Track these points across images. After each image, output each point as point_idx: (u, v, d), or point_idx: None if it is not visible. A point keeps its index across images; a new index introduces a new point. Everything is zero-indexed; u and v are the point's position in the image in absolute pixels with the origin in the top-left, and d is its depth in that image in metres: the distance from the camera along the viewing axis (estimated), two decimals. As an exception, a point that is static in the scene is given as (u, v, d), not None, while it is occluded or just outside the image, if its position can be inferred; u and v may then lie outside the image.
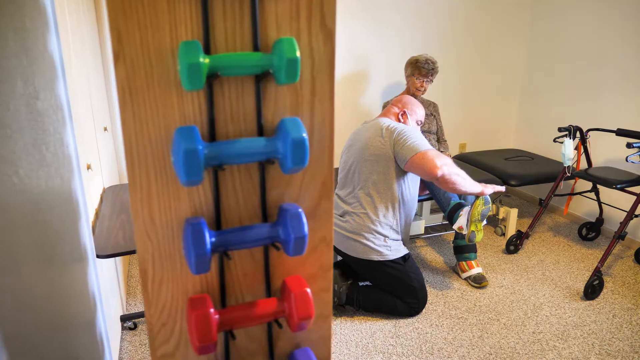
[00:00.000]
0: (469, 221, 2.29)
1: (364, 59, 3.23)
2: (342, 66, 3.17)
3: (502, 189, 2.30)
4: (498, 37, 3.57)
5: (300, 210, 0.72)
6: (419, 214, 3.05)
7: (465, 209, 2.34)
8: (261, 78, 0.69)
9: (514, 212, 3.08)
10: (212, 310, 0.71)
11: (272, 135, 0.73)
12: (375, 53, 3.24)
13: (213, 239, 0.69)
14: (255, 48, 0.69)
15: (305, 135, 0.67)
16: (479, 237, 2.31)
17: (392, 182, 2.19)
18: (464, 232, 2.32)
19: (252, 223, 0.77)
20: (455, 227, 2.35)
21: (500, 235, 3.18)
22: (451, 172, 2.09)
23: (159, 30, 0.64)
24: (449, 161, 2.13)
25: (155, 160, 0.69)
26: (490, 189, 2.25)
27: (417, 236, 3.15)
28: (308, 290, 0.75)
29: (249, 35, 0.68)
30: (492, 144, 3.84)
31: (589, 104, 3.20)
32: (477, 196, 2.28)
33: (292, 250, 0.71)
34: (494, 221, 3.43)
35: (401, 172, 2.21)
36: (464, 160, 3.38)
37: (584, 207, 3.36)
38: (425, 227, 3.20)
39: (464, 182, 2.14)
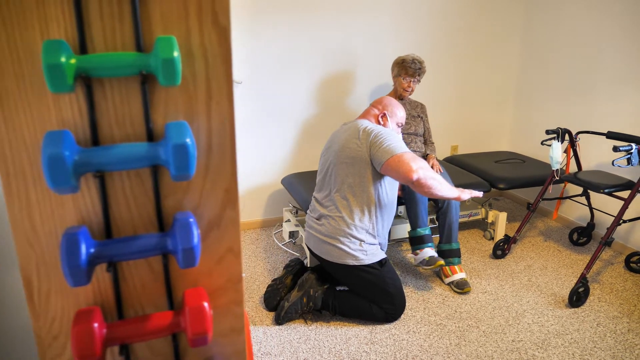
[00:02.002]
0: (422, 264, 2.44)
1: (351, 58, 3.17)
2: (328, 65, 3.12)
3: (480, 194, 2.24)
4: (491, 37, 3.50)
5: (191, 219, 0.68)
6: (404, 217, 3.00)
7: (422, 258, 2.44)
8: (147, 79, 0.66)
9: (502, 216, 3.01)
10: (96, 324, 0.67)
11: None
12: (364, 52, 3.19)
13: (92, 250, 0.65)
14: (139, 48, 0.65)
15: (189, 140, 0.63)
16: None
17: (369, 185, 2.14)
18: (413, 263, 2.52)
19: (147, 232, 0.73)
20: (409, 256, 2.53)
21: (489, 240, 3.11)
22: (427, 176, 2.04)
23: (28, 28, 0.61)
24: (425, 165, 2.08)
25: (34, 166, 0.65)
26: (467, 194, 2.19)
27: (403, 240, 3.09)
28: (205, 304, 0.71)
29: (130, 34, 0.65)
30: (484, 146, 3.76)
31: (585, 106, 3.12)
32: (437, 262, 2.41)
33: (181, 261, 0.67)
34: (483, 225, 3.36)
35: (378, 175, 2.16)
36: (453, 162, 3.31)
37: (576, 211, 3.27)
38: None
39: (440, 186, 2.09)
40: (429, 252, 2.47)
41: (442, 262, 2.38)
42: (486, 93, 3.63)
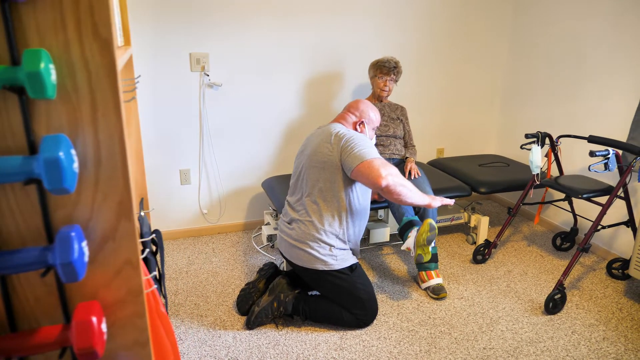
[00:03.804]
0: (415, 245, 2.26)
1: (335, 61, 3.16)
2: (311, 67, 3.11)
3: (451, 202, 2.21)
4: (479, 38, 3.46)
5: (72, 233, 0.67)
6: (384, 221, 2.97)
7: (414, 231, 2.31)
8: (25, 91, 0.65)
9: (484, 220, 2.98)
10: (-24, 339, 0.67)
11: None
12: (347, 54, 3.17)
13: (-34, 264, 0.64)
14: (14, 61, 0.64)
15: (62, 154, 0.62)
16: (426, 258, 2.28)
17: (339, 190, 2.13)
18: (412, 253, 2.30)
19: (36, 246, 0.72)
20: (403, 247, 2.34)
21: (472, 244, 3.08)
22: (396, 183, 2.01)
23: None
24: (395, 171, 2.06)
25: None
26: (438, 201, 2.16)
27: (383, 244, 3.07)
28: (94, 318, 0.70)
29: (4, 47, 0.64)
30: (471, 149, 3.72)
31: (574, 109, 3.07)
32: (425, 216, 2.24)
33: (62, 276, 0.66)
34: (465, 229, 3.32)
35: (349, 181, 2.14)
36: (435, 165, 3.28)
37: (561, 216, 3.22)
38: (391, 235, 3.12)
39: (410, 193, 2.06)
40: (437, 280, 2.49)
41: (445, 294, 2.42)
42: (473, 95, 3.59)
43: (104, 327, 0.73)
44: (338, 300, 2.21)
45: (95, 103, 0.69)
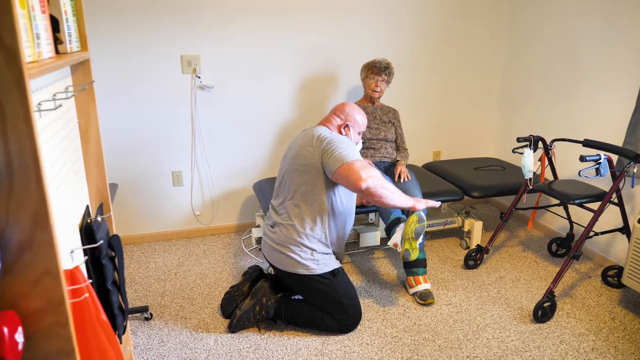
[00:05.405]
0: (403, 239, 2.19)
1: (329, 62, 3.14)
2: (304, 69, 3.09)
3: (437, 204, 2.17)
4: (476, 39, 3.40)
5: (-22, 244, 0.67)
6: (375, 225, 2.94)
7: (401, 226, 2.24)
8: None
9: (478, 225, 2.93)
10: None
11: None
12: (342, 56, 3.14)
13: None
14: None
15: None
16: (413, 255, 2.20)
17: (321, 193, 2.11)
18: (399, 249, 2.22)
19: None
20: (390, 243, 2.26)
21: (465, 249, 3.03)
22: (377, 185, 1.99)
23: None
24: (377, 173, 2.03)
25: None
26: (423, 203, 2.13)
27: (373, 248, 3.03)
28: (4, 329, 0.70)
29: None
30: (469, 152, 3.66)
31: (573, 112, 2.99)
32: (411, 212, 2.17)
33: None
34: (459, 234, 3.27)
35: (331, 184, 2.12)
36: (429, 169, 3.23)
37: (557, 221, 3.15)
38: (382, 239, 3.09)
39: (392, 195, 2.03)
40: (425, 285, 2.48)
41: (432, 300, 2.41)
42: (471, 97, 3.53)
43: (18, 337, 0.73)
44: (320, 305, 2.19)
45: (4, 115, 0.69)
